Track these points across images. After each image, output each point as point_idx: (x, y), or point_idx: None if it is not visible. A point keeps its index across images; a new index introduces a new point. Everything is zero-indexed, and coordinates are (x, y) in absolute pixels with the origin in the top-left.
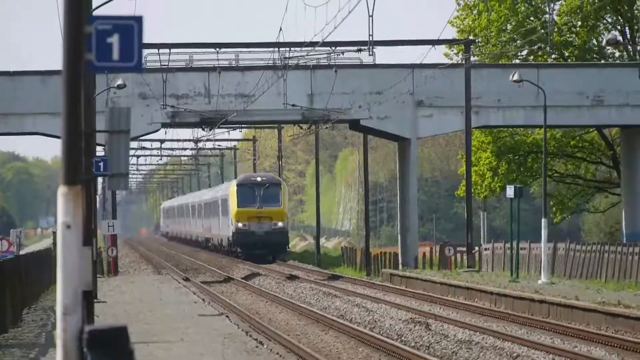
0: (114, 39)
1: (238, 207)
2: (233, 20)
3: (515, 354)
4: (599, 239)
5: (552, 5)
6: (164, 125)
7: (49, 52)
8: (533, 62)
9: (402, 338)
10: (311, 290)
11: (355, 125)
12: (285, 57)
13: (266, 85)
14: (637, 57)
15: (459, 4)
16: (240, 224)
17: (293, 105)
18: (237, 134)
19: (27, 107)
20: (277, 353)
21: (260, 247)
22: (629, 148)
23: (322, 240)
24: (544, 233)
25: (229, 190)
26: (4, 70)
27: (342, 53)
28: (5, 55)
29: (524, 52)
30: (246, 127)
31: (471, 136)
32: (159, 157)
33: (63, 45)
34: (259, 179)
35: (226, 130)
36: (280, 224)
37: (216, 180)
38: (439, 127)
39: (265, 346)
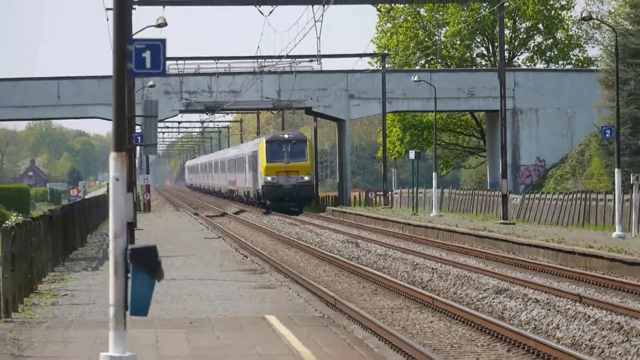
0: (147, 54)
1: (267, 162)
2: (227, 39)
3: (415, 263)
4: (471, 186)
5: (440, 30)
6: (181, 111)
7: (103, 63)
8: (427, 68)
9: (340, 252)
10: (279, 221)
11: (309, 111)
12: (262, 66)
13: (249, 85)
14: (496, 64)
15: (377, 30)
16: (269, 178)
17: (267, 98)
18: (229, 117)
19: (88, 99)
20: (257, 263)
21: (287, 199)
22: (491, 125)
23: None
24: (434, 182)
25: (258, 146)
26: (74, 76)
27: (300, 62)
28: (74, 65)
29: (421, 62)
30: (235, 113)
31: (386, 118)
32: (178, 133)
33: (113, 58)
34: (286, 136)
35: (222, 114)
36: (306, 177)
37: (216, 148)
38: (364, 112)
39: (248, 258)
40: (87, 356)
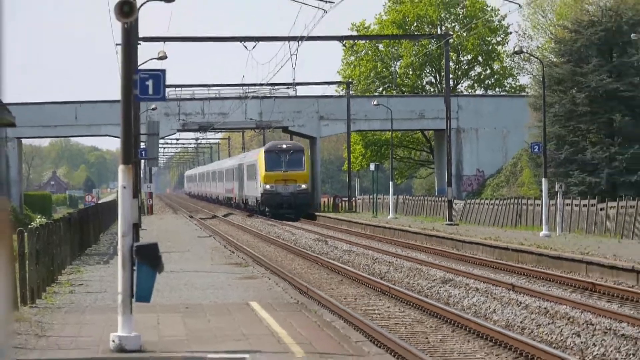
0: (150, 82)
1: (266, 170)
2: (217, 69)
3: (375, 257)
4: (422, 193)
5: (395, 62)
6: (178, 130)
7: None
8: (385, 94)
9: (311, 249)
10: (260, 223)
11: (285, 130)
12: (246, 92)
13: (235, 108)
14: (443, 91)
15: (342, 62)
16: (268, 186)
17: (250, 119)
18: (219, 135)
19: (101, 120)
20: (242, 257)
21: (286, 207)
22: (438, 142)
23: None
24: (391, 189)
25: (257, 156)
26: (89, 100)
27: (278, 89)
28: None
29: (380, 89)
30: (224, 131)
31: (350, 136)
32: (176, 148)
33: (121, 86)
34: (284, 145)
35: (213, 133)
36: (303, 185)
37: (209, 161)
38: (332, 131)
39: (235, 254)
40: (99, 336)
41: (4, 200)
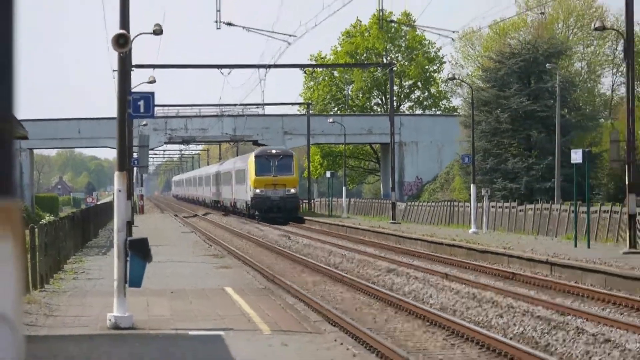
0: (141, 103)
1: (256, 175)
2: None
3: (330, 250)
4: (370, 196)
5: (347, 86)
6: (165, 142)
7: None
8: (339, 114)
9: (277, 243)
10: (235, 221)
11: (255, 143)
12: (222, 111)
13: (213, 124)
14: (388, 111)
15: (304, 86)
16: (258, 190)
17: (226, 133)
18: (199, 147)
19: (100, 134)
20: (218, 250)
21: (275, 210)
22: (384, 154)
23: None
24: (344, 193)
25: (247, 161)
26: (90, 117)
27: (249, 108)
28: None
29: (335, 108)
30: (204, 144)
31: (310, 148)
32: (163, 157)
33: (117, 105)
34: (274, 151)
35: (194, 145)
36: (292, 190)
37: (190, 169)
38: (295, 144)
39: (212, 247)
40: (98, 315)
41: (18, 201)
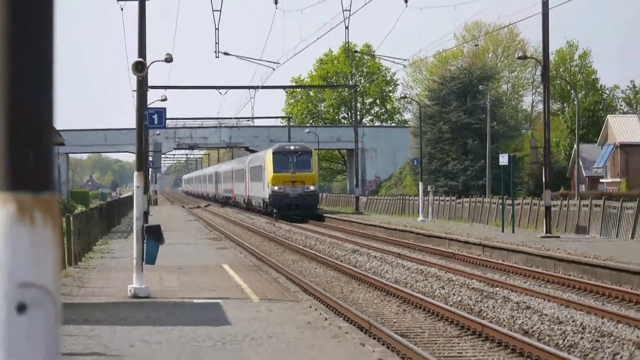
0: (155, 116)
1: (274, 172)
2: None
3: (306, 235)
4: (339, 192)
5: (321, 103)
6: (175, 148)
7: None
8: (314, 125)
9: (264, 229)
10: (231, 211)
11: (247, 149)
12: (220, 124)
13: (213, 134)
14: (352, 123)
15: (285, 102)
16: (276, 187)
17: (223, 141)
18: (202, 152)
19: (123, 141)
20: (217, 235)
21: (294, 208)
22: (349, 157)
23: None
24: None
25: (265, 158)
26: (115, 128)
27: (242, 121)
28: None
29: (311, 121)
30: (205, 150)
31: None
32: (172, 160)
33: (136, 118)
34: (292, 147)
35: (198, 150)
36: (311, 187)
37: (193, 169)
38: None
39: (212, 232)
40: (120, 287)
41: (56, 195)
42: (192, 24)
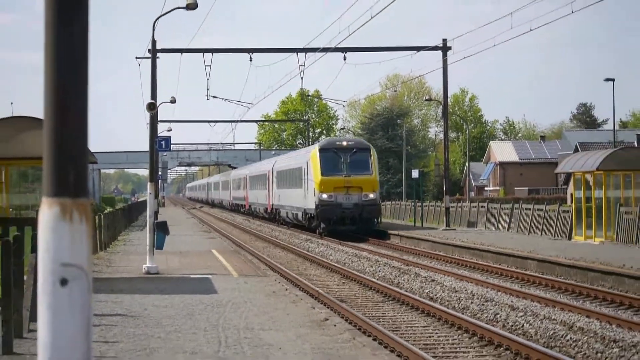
0: (163, 142)
1: (322, 175)
2: (195, 136)
3: (273, 228)
4: None
5: (283, 133)
6: (177, 165)
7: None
8: (278, 149)
9: (242, 224)
10: (219, 211)
11: (230, 166)
12: (210, 147)
13: (205, 155)
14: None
15: (257, 132)
16: (324, 196)
17: (213, 160)
18: (197, 168)
19: (139, 160)
20: (207, 228)
21: (348, 222)
22: None
23: None
24: None
25: (307, 157)
26: (133, 150)
27: (225, 146)
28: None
29: (275, 146)
30: (200, 167)
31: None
32: (176, 173)
33: (149, 143)
34: (344, 143)
35: (194, 167)
36: (371, 195)
37: (190, 180)
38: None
39: (204, 226)
40: (137, 266)
41: (90, 200)
42: (190, 75)
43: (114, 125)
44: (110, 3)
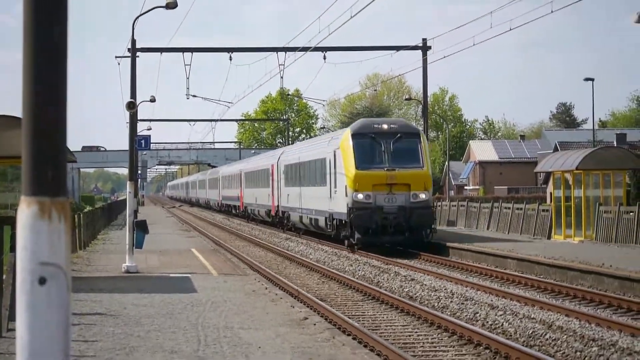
0: (143, 141)
1: (357, 168)
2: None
3: (252, 227)
4: None
5: (263, 132)
6: (157, 164)
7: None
8: (258, 148)
9: (222, 223)
10: (198, 210)
11: (209, 165)
12: (190, 147)
13: (185, 154)
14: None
15: (237, 131)
16: (360, 196)
17: (192, 159)
18: (176, 167)
19: (119, 159)
20: (187, 227)
21: (391, 231)
22: None
23: None
24: None
25: (336, 145)
26: (114, 149)
27: (206, 145)
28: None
29: (255, 145)
30: (180, 166)
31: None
32: (155, 172)
33: (129, 142)
34: (385, 126)
35: (174, 166)
36: (423, 195)
37: (170, 179)
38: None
39: (184, 225)
40: (117, 265)
41: (69, 199)
42: (169, 74)
43: (95, 125)
44: (90, 1)
